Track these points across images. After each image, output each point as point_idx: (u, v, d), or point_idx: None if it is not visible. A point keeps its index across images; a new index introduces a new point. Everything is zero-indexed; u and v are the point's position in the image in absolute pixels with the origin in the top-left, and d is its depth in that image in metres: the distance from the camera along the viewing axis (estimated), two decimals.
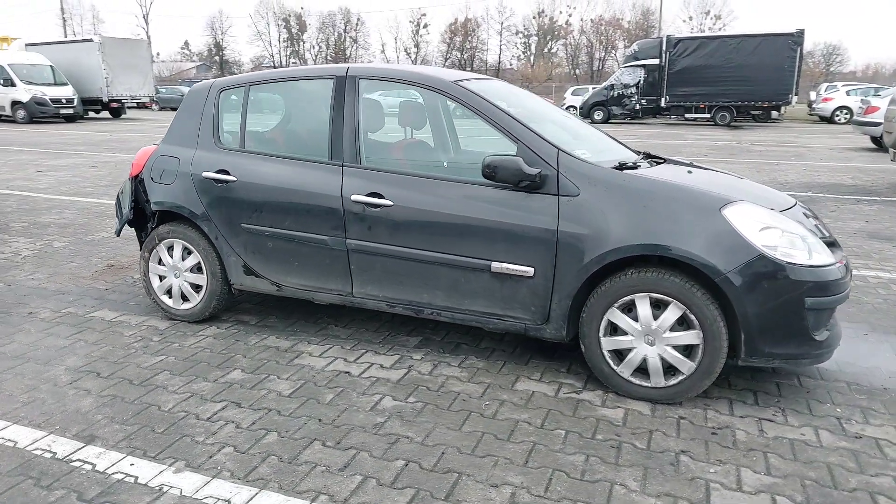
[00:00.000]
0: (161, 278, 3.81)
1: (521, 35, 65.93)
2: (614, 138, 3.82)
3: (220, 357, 3.30)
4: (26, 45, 27.34)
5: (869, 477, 2.31)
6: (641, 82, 25.39)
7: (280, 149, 3.55)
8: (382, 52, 70.87)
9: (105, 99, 25.30)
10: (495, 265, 2.97)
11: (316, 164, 3.33)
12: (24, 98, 22.47)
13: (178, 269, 3.74)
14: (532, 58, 64.36)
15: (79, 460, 2.38)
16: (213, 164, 3.56)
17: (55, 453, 2.43)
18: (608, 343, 2.88)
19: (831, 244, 3.00)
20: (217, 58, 69.27)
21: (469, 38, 65.31)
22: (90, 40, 25.52)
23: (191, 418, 2.69)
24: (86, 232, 6.09)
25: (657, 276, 2.73)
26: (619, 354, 2.88)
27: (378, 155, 3.32)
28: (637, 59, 26.09)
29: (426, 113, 3.84)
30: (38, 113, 22.69)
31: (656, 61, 24.74)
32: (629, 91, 25.75)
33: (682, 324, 2.76)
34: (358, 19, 68.29)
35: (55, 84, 23.61)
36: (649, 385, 2.85)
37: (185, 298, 3.77)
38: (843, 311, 3.90)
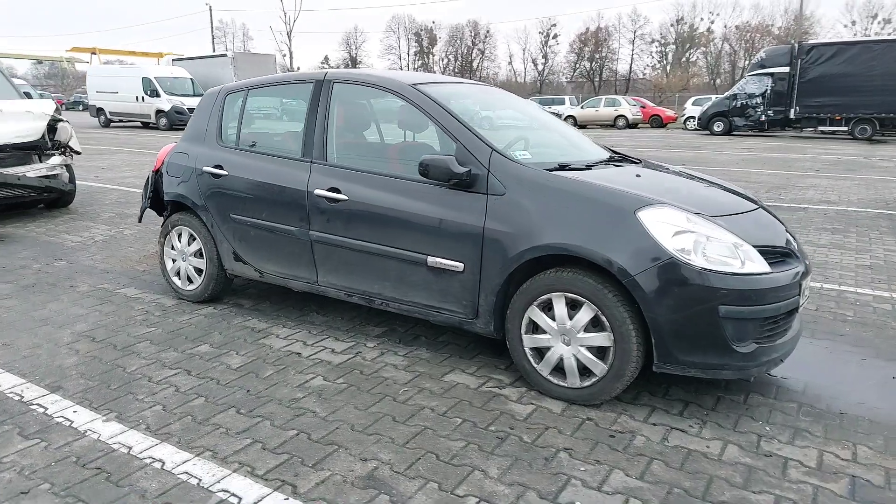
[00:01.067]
0: (173, 261, 4.26)
1: (656, 44, 63.57)
2: (610, 148, 3.82)
3: (198, 332, 3.66)
4: (173, 60, 30.49)
5: (748, 493, 2.20)
6: (768, 92, 23.68)
7: (266, 146, 3.88)
8: (510, 63, 71.21)
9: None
10: (430, 259, 3.09)
11: (291, 161, 3.61)
12: (166, 107, 25.05)
13: (184, 254, 4.17)
14: (668, 67, 61.87)
15: (37, 404, 2.79)
16: (211, 159, 3.95)
17: (22, 397, 2.85)
18: (529, 341, 2.91)
19: (786, 254, 2.85)
20: None
21: (599, 48, 63.97)
22: (224, 55, 27.96)
23: (143, 380, 3.04)
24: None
25: (573, 276, 2.73)
26: (540, 353, 2.90)
27: (343, 153, 3.54)
28: (763, 66, 24.41)
29: (389, 114, 3.90)
30: (176, 120, 25.13)
31: (785, 69, 23.01)
32: (754, 101, 24.11)
33: (597, 325, 2.73)
34: (487, 32, 68.98)
35: (193, 95, 26.07)
36: (566, 385, 2.84)
37: (189, 280, 4.19)
38: (857, 335, 3.63)
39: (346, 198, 3.33)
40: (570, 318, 2.77)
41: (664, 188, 3.02)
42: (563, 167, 3.09)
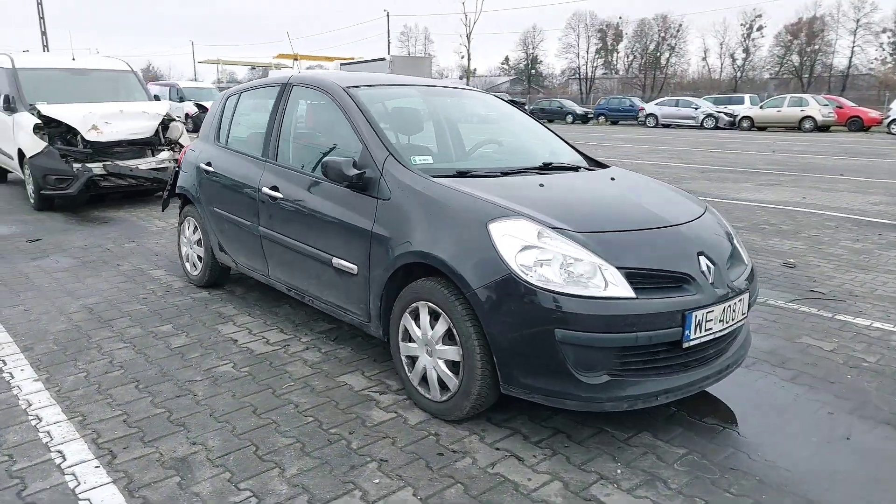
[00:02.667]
0: (185, 248, 4.74)
1: (889, 33, 55.35)
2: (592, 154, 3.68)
3: (174, 313, 4.07)
4: (341, 64, 32.82)
5: None
6: None
7: (241, 146, 4.17)
8: (703, 58, 66.73)
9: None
10: (334, 260, 3.18)
11: (253, 160, 3.87)
12: None
13: (190, 242, 4.63)
14: None
15: (0, 359, 3.32)
16: (206, 156, 4.35)
17: None
18: (404, 349, 2.89)
19: (682, 280, 2.55)
20: (533, 70, 72.04)
21: (812, 41, 57.38)
22: (382, 59, 29.53)
23: (94, 350, 3.47)
24: None
25: (433, 285, 2.67)
26: (413, 361, 2.87)
27: (286, 153, 3.70)
28: None
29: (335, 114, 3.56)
30: None
31: None
32: None
33: (451, 338, 2.65)
34: (679, 26, 64.98)
35: None
36: (429, 397, 2.78)
37: (195, 266, 4.64)
38: (855, 386, 3.13)
39: (281, 196, 3.51)
40: (432, 328, 2.71)
41: (558, 200, 2.81)
42: (462, 174, 3.00)
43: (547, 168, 3.33)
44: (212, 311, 4.12)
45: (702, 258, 2.65)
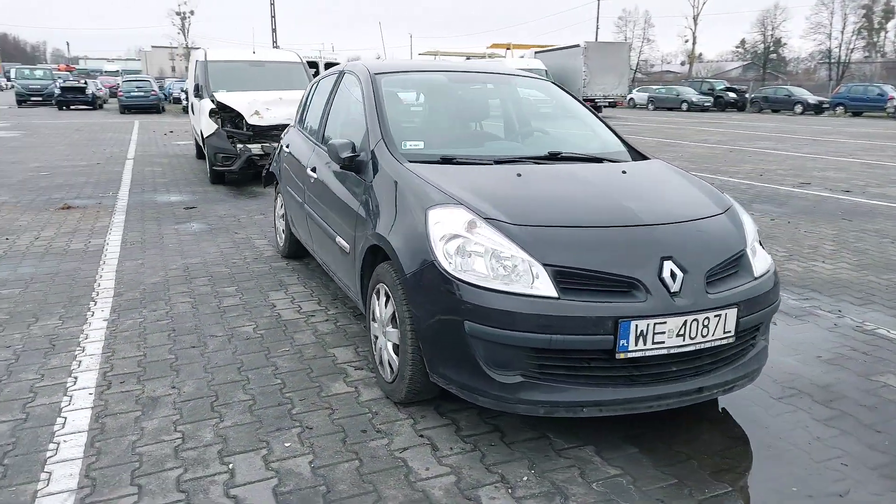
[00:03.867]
0: (277, 222, 5.27)
1: None
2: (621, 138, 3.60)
3: (246, 276, 4.56)
4: (535, 52, 32.76)
5: None
6: None
7: (309, 129, 4.48)
8: None
9: (580, 98, 28.50)
10: (337, 238, 3.36)
11: (310, 142, 4.19)
12: None
13: (278, 216, 5.13)
14: None
15: (92, 298, 4.03)
16: (288, 139, 4.78)
17: (96, 289, 4.13)
18: (371, 328, 2.98)
19: (630, 285, 2.33)
20: (774, 55, 64.53)
21: None
22: (577, 46, 28.87)
23: (163, 300, 4.05)
24: None
25: (387, 268, 2.73)
26: (376, 340, 2.94)
27: (332, 136, 3.92)
28: None
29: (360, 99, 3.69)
30: None
31: None
32: None
33: (396, 321, 2.69)
34: None
35: None
36: (383, 377, 2.85)
37: (281, 238, 5.14)
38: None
39: (316, 176, 3.77)
40: (386, 309, 2.77)
41: (517, 192, 2.68)
42: (447, 160, 2.99)
43: (554, 158, 3.16)
44: (276, 278, 4.54)
45: (667, 264, 2.37)
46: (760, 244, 2.94)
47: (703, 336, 2.36)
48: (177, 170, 9.99)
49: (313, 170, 3.83)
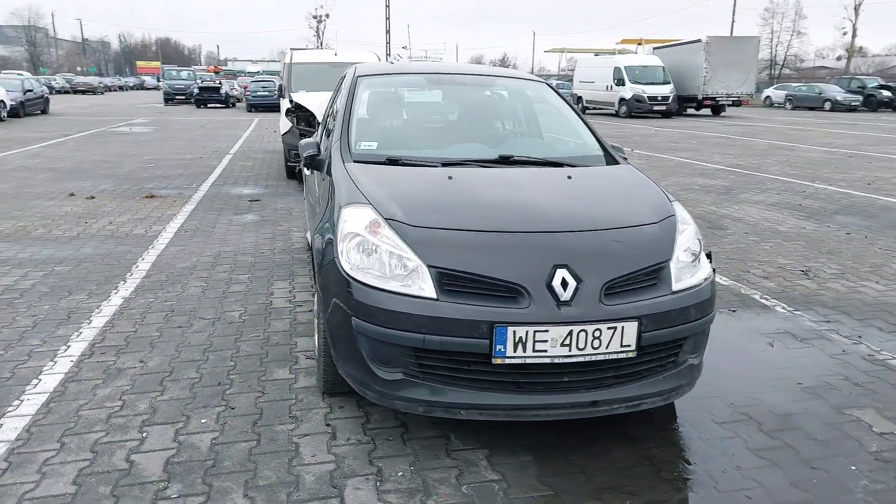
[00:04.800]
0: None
1: None
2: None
3: (265, 266, 4.89)
4: (654, 48, 31.44)
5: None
6: None
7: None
8: None
9: (699, 96, 27.03)
10: (307, 234, 3.56)
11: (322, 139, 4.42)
12: (627, 95, 26.36)
13: (304, 212, 5.43)
14: None
15: (123, 280, 4.51)
16: (317, 136, 5.04)
17: (131, 267, 4.63)
18: (315, 321, 3.13)
19: (515, 292, 2.32)
20: None
21: None
22: (698, 41, 27.37)
23: (181, 283, 4.46)
24: None
25: None
26: None
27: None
28: None
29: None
30: (634, 109, 26.20)
31: None
32: None
33: None
34: None
35: (659, 83, 26.54)
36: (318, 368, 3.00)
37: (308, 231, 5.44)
38: (836, 477, 2.47)
39: (307, 174, 4.00)
40: None
41: (430, 194, 2.73)
42: (393, 161, 3.07)
43: (505, 161, 3.15)
44: (289, 269, 4.83)
45: (560, 272, 2.33)
46: (709, 257, 2.78)
47: (595, 348, 2.30)
48: (265, 165, 10.73)
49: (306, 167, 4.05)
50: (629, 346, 2.33)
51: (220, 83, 31.13)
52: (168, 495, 2.18)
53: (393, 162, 3.07)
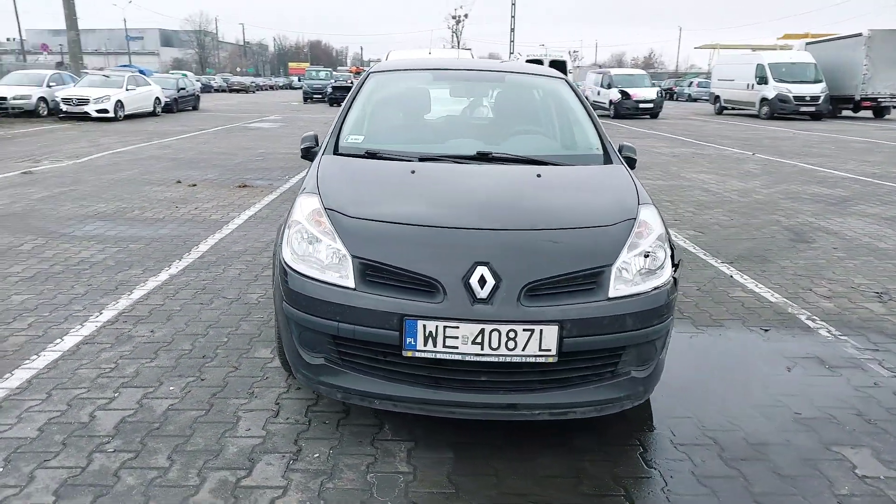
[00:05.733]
0: None
1: None
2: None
3: None
4: (806, 44, 28.72)
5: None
6: None
7: None
8: None
9: (857, 97, 24.37)
10: None
11: None
12: (770, 95, 24.27)
13: None
14: None
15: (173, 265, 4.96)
16: None
17: (187, 246, 5.08)
18: None
19: (430, 286, 2.32)
20: None
21: None
22: (858, 35, 24.65)
23: (224, 265, 4.82)
24: None
25: None
26: None
27: None
28: None
29: None
30: (778, 110, 24.08)
31: None
32: None
33: None
34: None
35: (808, 82, 24.17)
36: None
37: None
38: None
39: None
40: None
41: (382, 187, 2.78)
42: (371, 154, 3.14)
43: (483, 158, 3.11)
44: None
45: (480, 269, 2.29)
46: (675, 266, 2.59)
47: (510, 349, 2.23)
48: None
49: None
50: (549, 350, 2.24)
51: (352, 83, 32.71)
52: (105, 449, 2.41)
53: (371, 155, 3.13)
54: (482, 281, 2.26)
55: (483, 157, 3.11)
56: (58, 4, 23.70)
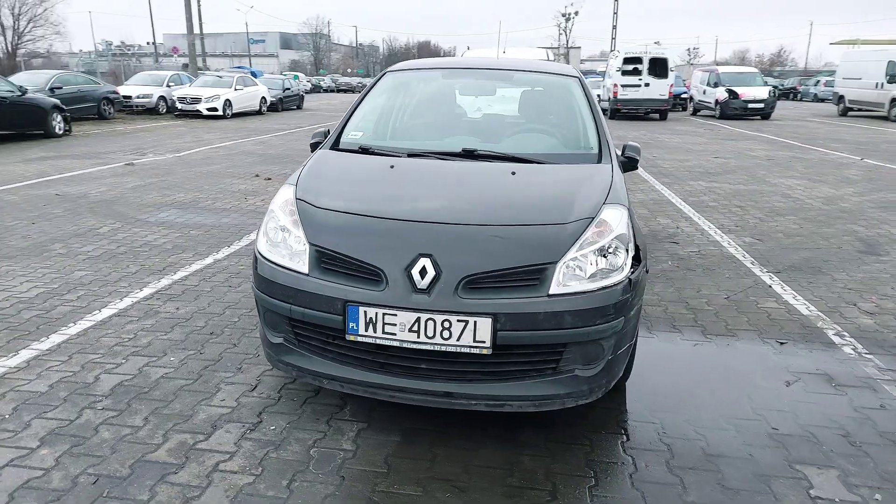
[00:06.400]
0: None
1: None
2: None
3: None
4: None
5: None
6: None
7: None
8: None
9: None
10: None
11: None
12: None
13: None
14: None
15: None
16: None
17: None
18: None
19: (374, 274, 2.45)
20: None
21: None
22: None
23: None
24: None
25: None
26: None
27: None
28: None
29: None
30: None
31: None
32: None
33: None
34: None
35: None
36: None
37: None
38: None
39: None
40: None
41: (355, 180, 2.93)
42: (364, 150, 3.29)
43: (469, 155, 3.17)
44: None
45: (423, 260, 2.38)
46: (637, 269, 2.54)
47: (445, 339, 2.31)
48: None
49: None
50: (483, 342, 2.29)
51: None
52: (95, 406, 2.72)
53: (364, 150, 3.28)
54: (423, 272, 2.35)
55: (469, 155, 3.17)
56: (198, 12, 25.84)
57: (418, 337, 2.31)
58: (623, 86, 22.35)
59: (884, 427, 2.70)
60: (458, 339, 2.30)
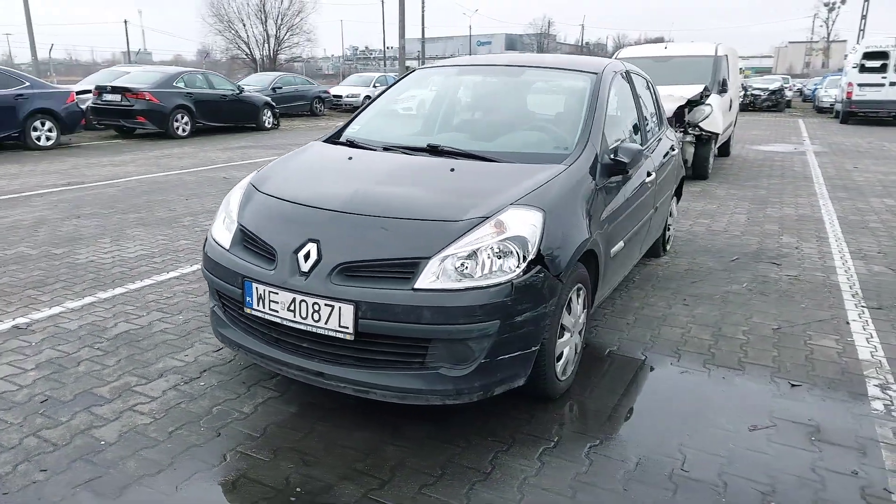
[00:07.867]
0: None
1: None
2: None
3: None
4: None
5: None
6: None
7: None
8: None
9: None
10: None
11: None
12: None
13: None
14: None
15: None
16: None
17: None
18: None
19: (264, 251, 2.68)
20: None
21: None
22: None
23: None
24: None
25: None
26: None
27: None
28: None
29: None
30: None
31: None
32: None
33: None
34: None
35: None
36: None
37: None
38: None
39: None
40: None
41: (308, 170, 3.15)
42: (350, 143, 3.49)
43: (433, 151, 3.20)
44: None
45: (310, 245, 2.54)
46: (528, 273, 2.43)
47: (315, 321, 2.45)
48: None
49: None
50: (346, 328, 2.39)
51: None
52: (94, 345, 3.30)
53: (350, 144, 3.48)
54: (307, 256, 2.50)
55: (433, 151, 3.21)
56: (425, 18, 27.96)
57: (294, 316, 2.47)
58: (860, 85, 19.27)
59: (828, 496, 2.22)
60: (325, 323, 2.41)
